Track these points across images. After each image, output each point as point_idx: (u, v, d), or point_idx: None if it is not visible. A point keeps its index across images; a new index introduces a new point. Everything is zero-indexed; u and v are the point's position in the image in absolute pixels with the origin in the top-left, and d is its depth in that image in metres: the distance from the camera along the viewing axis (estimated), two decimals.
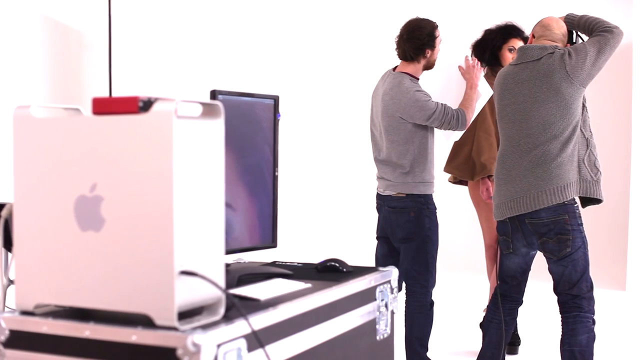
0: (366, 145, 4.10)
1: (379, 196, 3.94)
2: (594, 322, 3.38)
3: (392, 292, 2.56)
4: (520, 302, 3.68)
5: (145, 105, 1.74)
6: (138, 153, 1.73)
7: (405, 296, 3.91)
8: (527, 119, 3.41)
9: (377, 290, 2.47)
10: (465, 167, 4.49)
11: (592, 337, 3.35)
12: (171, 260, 1.70)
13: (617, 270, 6.83)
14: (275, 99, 2.57)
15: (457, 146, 4.50)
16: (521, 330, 4.67)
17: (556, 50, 3.41)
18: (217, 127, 1.83)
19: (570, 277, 3.37)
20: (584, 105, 3.52)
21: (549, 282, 3.47)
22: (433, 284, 3.87)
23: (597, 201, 3.51)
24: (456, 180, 4.68)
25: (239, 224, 2.46)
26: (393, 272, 2.57)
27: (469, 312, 5.44)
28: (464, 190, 4.74)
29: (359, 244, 6.95)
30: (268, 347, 1.91)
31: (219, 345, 1.71)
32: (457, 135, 4.18)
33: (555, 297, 3.47)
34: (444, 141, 4.27)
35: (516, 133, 3.45)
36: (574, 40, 3.65)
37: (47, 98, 6.44)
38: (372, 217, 4.14)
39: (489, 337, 3.63)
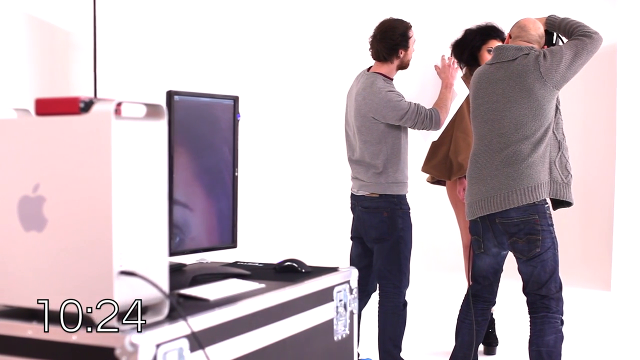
0: (341, 146, 4.11)
1: (353, 196, 3.95)
2: (562, 322, 3.39)
3: (351, 293, 2.56)
4: (493, 303, 3.69)
5: (86, 105, 1.75)
6: (79, 153, 1.73)
7: (378, 296, 3.91)
8: (500, 118, 3.41)
9: (335, 290, 2.47)
10: (442, 167, 4.50)
11: (559, 338, 3.36)
12: (110, 261, 1.70)
13: (602, 271, 6.82)
14: (235, 100, 2.57)
15: (435, 146, 4.51)
16: (499, 331, 4.67)
17: (532, 51, 3.41)
18: (160, 128, 1.84)
19: (539, 278, 3.37)
20: (557, 108, 3.52)
21: None
22: (406, 285, 3.87)
23: (568, 204, 3.51)
24: (434, 180, 4.68)
25: (196, 225, 2.47)
26: (352, 273, 2.58)
27: (446, 312, 5.44)
28: (442, 190, 4.75)
29: (334, 244, 6.95)
30: (215, 347, 1.92)
31: (158, 345, 1.71)
32: (434, 135, 4.18)
33: (525, 298, 3.47)
34: (421, 141, 4.27)
35: (488, 132, 3.45)
36: (554, 42, 3.65)
37: (34, 97, 6.44)
38: (347, 218, 4.14)
39: (461, 338, 3.63)
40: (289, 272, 2.52)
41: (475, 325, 3.60)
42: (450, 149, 4.45)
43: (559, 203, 3.52)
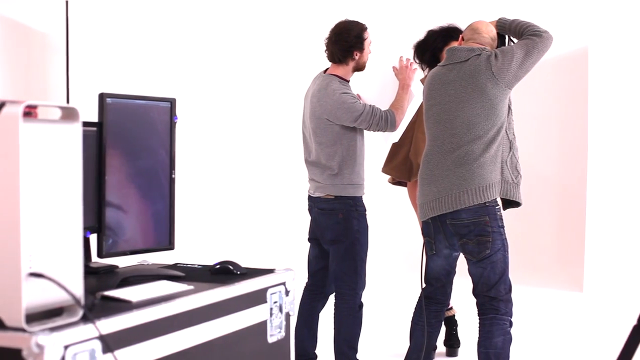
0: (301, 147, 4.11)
1: (310, 198, 3.95)
2: (511, 324, 3.39)
3: (287, 295, 2.57)
4: (447, 305, 3.70)
5: None
6: None
7: (334, 298, 3.92)
8: (452, 119, 3.42)
9: (269, 292, 2.48)
10: (402, 167, 4.51)
11: (508, 340, 3.37)
12: (18, 263, 1.71)
13: (575, 272, 6.84)
14: (172, 102, 2.59)
15: (396, 147, 4.52)
16: (461, 333, 4.68)
17: (483, 52, 3.43)
18: (74, 131, 1.85)
19: (489, 279, 3.38)
20: (509, 108, 3.53)
21: None
22: (362, 287, 3.87)
23: (517, 204, 3.53)
24: (395, 181, 4.69)
25: (131, 226, 2.48)
26: (289, 275, 2.59)
27: (405, 313, 5.44)
28: (404, 191, 4.76)
29: (294, 246, 6.91)
30: (134, 347, 1.94)
31: (66, 347, 1.73)
32: (395, 136, 4.19)
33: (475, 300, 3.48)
34: (382, 142, 4.27)
35: (441, 133, 3.46)
36: (506, 45, 3.67)
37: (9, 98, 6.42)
38: (306, 220, 4.15)
39: (415, 340, 3.63)
40: (223, 273, 2.53)
41: (428, 327, 3.60)
42: (410, 150, 4.46)
43: (509, 203, 3.54)
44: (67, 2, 6.36)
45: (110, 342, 1.84)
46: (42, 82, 7.01)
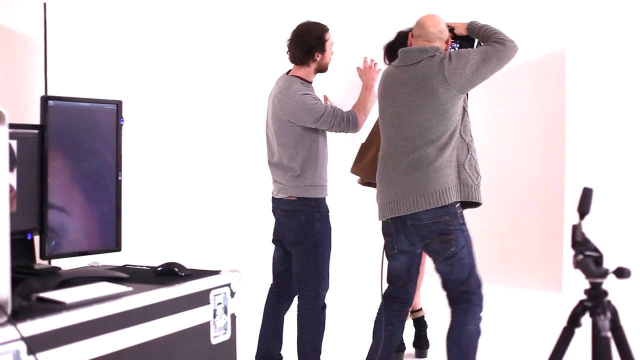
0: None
1: (273, 199, 3.96)
2: (480, 318, 3.40)
3: (232, 296, 2.58)
4: (409, 304, 3.70)
5: None
6: None
7: (297, 300, 3.93)
8: (406, 122, 3.42)
9: (212, 293, 2.50)
10: (371, 168, 4.50)
11: (478, 332, 3.37)
12: None
13: (553, 272, 6.85)
14: (118, 104, 2.60)
15: (364, 148, 4.52)
16: (430, 335, 4.68)
17: (437, 53, 3.41)
18: (1, 134, 1.86)
19: (459, 276, 3.38)
20: (465, 110, 3.51)
21: None
22: (325, 288, 3.87)
23: (477, 204, 3.53)
24: (364, 182, 4.70)
25: (74, 228, 2.50)
26: (234, 276, 2.60)
27: (369, 314, 5.44)
28: (373, 192, 4.77)
29: (259, 247, 6.90)
30: (63, 349, 1.95)
31: None
32: (362, 137, 4.19)
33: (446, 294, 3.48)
34: (349, 143, 4.28)
35: (395, 136, 3.46)
36: (474, 47, 3.66)
37: None
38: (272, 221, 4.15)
39: (377, 340, 3.65)
40: (168, 275, 2.54)
41: (390, 326, 3.61)
42: (378, 151, 4.47)
43: (467, 204, 3.54)
44: (45, 4, 6.37)
45: (38, 344, 1.85)
46: (24, 84, 7.02)
